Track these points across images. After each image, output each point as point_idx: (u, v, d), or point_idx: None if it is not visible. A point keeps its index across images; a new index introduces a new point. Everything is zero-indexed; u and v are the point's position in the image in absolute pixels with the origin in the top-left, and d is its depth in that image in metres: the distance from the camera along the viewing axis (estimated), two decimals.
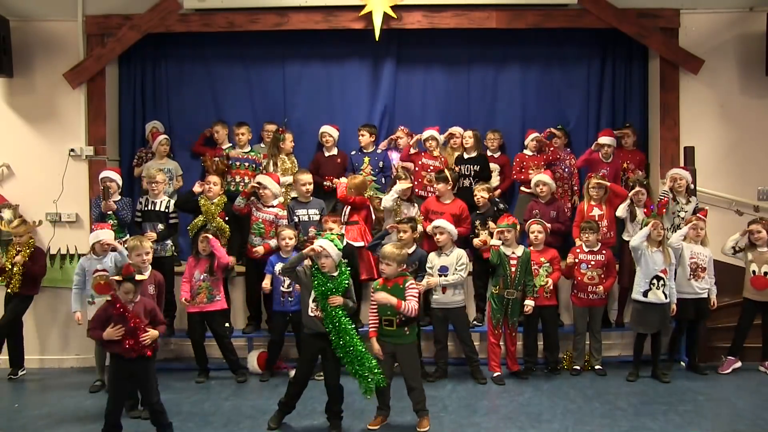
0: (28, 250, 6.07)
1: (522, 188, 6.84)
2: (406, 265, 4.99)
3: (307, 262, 4.65)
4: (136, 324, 4.27)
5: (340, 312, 4.49)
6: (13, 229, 6.11)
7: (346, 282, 4.57)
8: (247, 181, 6.55)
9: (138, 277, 4.40)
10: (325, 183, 6.68)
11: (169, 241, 6.18)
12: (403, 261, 4.75)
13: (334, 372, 4.62)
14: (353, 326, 4.54)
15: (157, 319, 4.49)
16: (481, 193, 6.16)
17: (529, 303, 5.68)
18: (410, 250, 5.63)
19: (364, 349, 4.51)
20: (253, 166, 6.70)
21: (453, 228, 5.72)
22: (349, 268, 4.65)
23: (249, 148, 6.79)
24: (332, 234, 4.93)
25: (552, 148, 6.84)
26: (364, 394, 4.56)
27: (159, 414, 4.42)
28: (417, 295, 4.76)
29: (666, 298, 5.67)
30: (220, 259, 5.74)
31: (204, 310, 5.82)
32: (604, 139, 6.66)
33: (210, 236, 5.76)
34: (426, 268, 5.69)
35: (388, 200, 6.24)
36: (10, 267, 6.00)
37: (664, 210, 6.02)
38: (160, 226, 6.09)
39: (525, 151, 6.90)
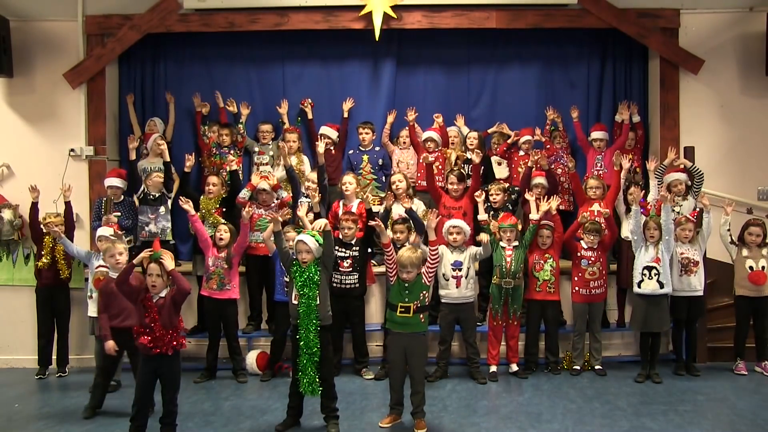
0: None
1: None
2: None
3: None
4: (153, 320, 4.24)
5: (314, 307, 4.54)
6: (53, 218, 6.04)
7: (317, 275, 4.60)
8: (236, 168, 6.50)
9: (167, 262, 4.26)
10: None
11: (169, 234, 6.28)
12: (421, 262, 4.75)
13: (327, 370, 4.62)
14: (318, 325, 4.55)
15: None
16: (497, 194, 6.19)
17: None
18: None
19: (315, 355, 4.53)
20: (235, 148, 6.80)
21: (468, 228, 5.79)
22: (319, 269, 4.65)
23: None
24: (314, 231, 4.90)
25: (548, 146, 6.85)
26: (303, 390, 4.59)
27: (172, 414, 4.43)
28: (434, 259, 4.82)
29: (661, 287, 5.67)
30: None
31: (213, 296, 5.82)
32: (596, 134, 6.79)
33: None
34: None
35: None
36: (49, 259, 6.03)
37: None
38: (162, 209, 6.22)
39: (519, 151, 6.91)
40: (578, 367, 6.00)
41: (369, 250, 6.07)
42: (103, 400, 5.12)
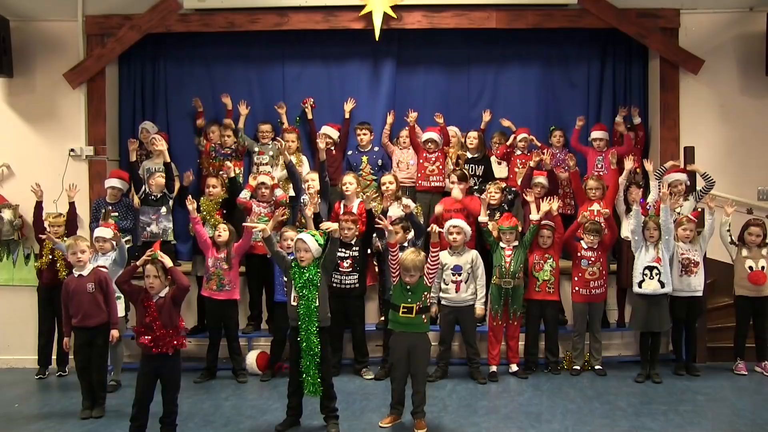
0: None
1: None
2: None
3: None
4: (154, 319, 4.24)
5: (314, 309, 4.53)
6: (54, 219, 6.04)
7: (317, 277, 4.58)
8: (238, 171, 6.51)
9: (165, 260, 4.29)
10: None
11: (170, 234, 6.28)
12: (424, 265, 4.73)
13: (326, 370, 4.61)
14: (318, 326, 4.54)
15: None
16: (496, 193, 6.20)
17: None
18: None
19: (316, 356, 4.53)
20: (236, 154, 6.79)
21: (469, 228, 5.79)
22: (319, 270, 4.62)
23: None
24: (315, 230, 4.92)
25: (546, 150, 6.83)
26: (307, 392, 4.59)
27: (172, 414, 4.43)
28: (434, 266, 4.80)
29: (662, 287, 5.67)
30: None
31: (214, 297, 5.82)
32: (596, 134, 6.79)
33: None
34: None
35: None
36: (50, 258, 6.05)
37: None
38: (163, 210, 6.23)
39: (515, 151, 6.91)
40: (578, 367, 6.00)
41: (369, 250, 6.07)
42: (93, 399, 5.09)
